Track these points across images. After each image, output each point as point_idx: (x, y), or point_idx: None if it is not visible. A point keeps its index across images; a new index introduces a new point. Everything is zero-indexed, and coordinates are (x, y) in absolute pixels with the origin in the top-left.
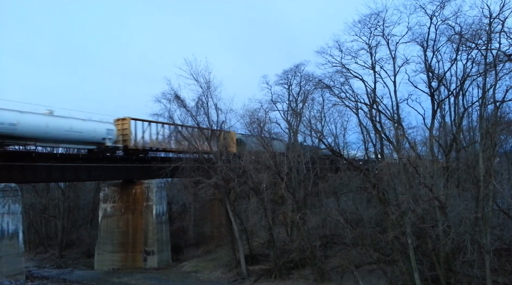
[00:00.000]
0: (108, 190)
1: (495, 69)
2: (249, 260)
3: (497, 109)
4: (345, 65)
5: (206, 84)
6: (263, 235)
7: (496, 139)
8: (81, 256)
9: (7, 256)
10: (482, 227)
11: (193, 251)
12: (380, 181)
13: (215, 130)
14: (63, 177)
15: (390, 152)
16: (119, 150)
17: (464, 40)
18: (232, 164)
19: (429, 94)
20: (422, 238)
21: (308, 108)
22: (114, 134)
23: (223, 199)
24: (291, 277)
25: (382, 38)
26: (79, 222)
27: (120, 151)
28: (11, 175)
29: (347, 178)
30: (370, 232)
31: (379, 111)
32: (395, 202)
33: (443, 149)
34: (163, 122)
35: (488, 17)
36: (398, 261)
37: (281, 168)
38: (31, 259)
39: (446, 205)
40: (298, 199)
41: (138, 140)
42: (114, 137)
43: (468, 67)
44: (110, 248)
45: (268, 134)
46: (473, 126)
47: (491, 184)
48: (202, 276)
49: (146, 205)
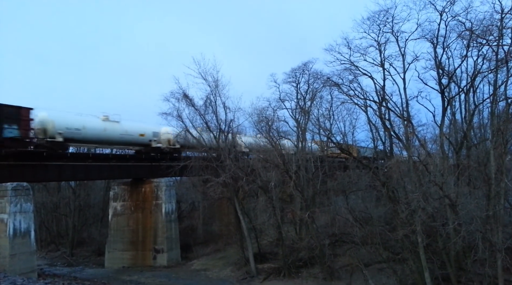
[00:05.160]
0: (118, 188)
1: (507, 66)
2: (258, 259)
3: (509, 106)
4: (353, 63)
5: (214, 83)
6: (272, 234)
7: (507, 137)
8: (92, 254)
9: (19, 254)
10: (493, 225)
11: (202, 249)
12: (389, 179)
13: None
14: (74, 176)
15: (400, 149)
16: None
17: (474, 36)
18: (240, 162)
19: (439, 91)
20: (432, 236)
21: (317, 106)
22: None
23: (231, 198)
24: (300, 275)
25: (391, 35)
26: (90, 220)
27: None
28: (23, 174)
29: (356, 176)
30: (380, 231)
31: (388, 109)
32: (404, 200)
33: (454, 147)
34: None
35: (500, 12)
36: (408, 259)
37: (289, 166)
38: (43, 257)
39: (457, 203)
40: (307, 197)
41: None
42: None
43: (479, 64)
44: (120, 246)
45: (276, 133)
46: (484, 123)
47: (502, 181)
48: (211, 274)
49: (156, 203)
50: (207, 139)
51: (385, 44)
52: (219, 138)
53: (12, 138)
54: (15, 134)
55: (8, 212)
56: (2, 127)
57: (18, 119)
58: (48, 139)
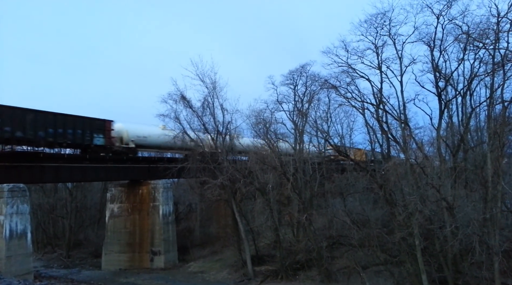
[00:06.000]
0: (115, 190)
1: (503, 69)
2: (255, 261)
3: (505, 109)
4: (351, 65)
5: (212, 84)
6: (269, 236)
7: (504, 140)
8: (88, 256)
9: (15, 256)
10: (490, 228)
11: (199, 251)
12: (387, 182)
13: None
14: (70, 177)
15: (397, 152)
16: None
17: (471, 40)
18: (238, 164)
19: (436, 94)
20: (429, 239)
21: (314, 108)
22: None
23: (229, 200)
24: (298, 278)
25: (389, 38)
26: (87, 222)
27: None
28: (20, 175)
29: (353, 179)
30: (377, 233)
31: (385, 112)
32: (402, 203)
33: (451, 149)
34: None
35: (496, 16)
36: (406, 262)
37: (287, 169)
38: (39, 259)
39: (454, 206)
40: (304, 199)
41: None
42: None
43: (475, 67)
44: (117, 248)
45: (274, 135)
46: (481, 126)
47: (499, 184)
48: (208, 277)
49: (153, 205)
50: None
51: (383, 47)
52: (217, 140)
53: (99, 145)
54: (101, 142)
55: (4, 213)
56: (92, 136)
57: (103, 130)
58: (123, 145)
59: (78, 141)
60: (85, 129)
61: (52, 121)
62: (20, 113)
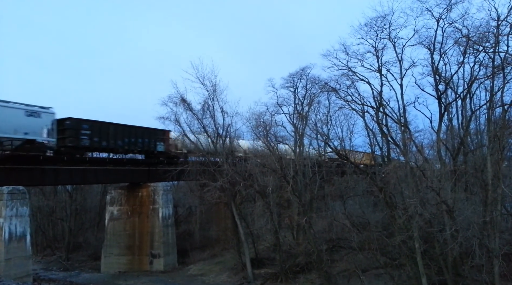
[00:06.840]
0: (114, 193)
1: (503, 72)
2: (255, 264)
3: (505, 113)
4: (351, 68)
5: (212, 87)
6: (269, 239)
7: (504, 143)
8: (88, 258)
9: (15, 259)
10: (490, 231)
11: (199, 254)
12: (386, 185)
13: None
14: (70, 180)
15: (397, 155)
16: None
17: (471, 43)
18: (238, 167)
19: (436, 97)
20: (429, 242)
21: (314, 111)
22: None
23: (229, 202)
24: (297, 281)
25: (389, 41)
26: (86, 224)
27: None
28: (20, 178)
29: (353, 182)
30: (377, 236)
31: (385, 115)
32: (402, 206)
33: (451, 152)
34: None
35: (496, 19)
36: (405, 265)
37: (287, 171)
38: (38, 261)
39: (454, 209)
40: (304, 202)
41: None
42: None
43: (475, 70)
44: (116, 251)
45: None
46: (480, 129)
47: (499, 187)
48: (208, 280)
49: (153, 208)
50: (205, 143)
51: (383, 50)
52: (217, 142)
53: (160, 152)
54: (162, 149)
55: (4, 216)
56: (156, 144)
57: (163, 139)
58: (178, 151)
59: (146, 148)
60: (150, 138)
61: (127, 132)
62: (105, 126)
